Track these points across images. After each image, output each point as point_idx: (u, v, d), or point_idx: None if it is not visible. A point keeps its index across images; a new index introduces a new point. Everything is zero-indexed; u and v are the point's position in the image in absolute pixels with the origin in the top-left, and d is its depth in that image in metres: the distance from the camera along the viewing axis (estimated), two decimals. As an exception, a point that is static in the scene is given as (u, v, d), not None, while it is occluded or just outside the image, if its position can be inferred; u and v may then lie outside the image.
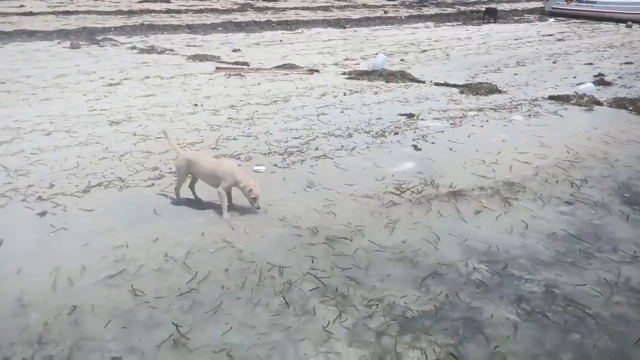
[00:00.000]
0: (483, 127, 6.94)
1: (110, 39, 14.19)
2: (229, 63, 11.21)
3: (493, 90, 9.07)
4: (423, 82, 9.78)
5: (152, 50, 12.55)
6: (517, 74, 10.76)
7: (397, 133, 6.55)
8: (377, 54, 11.44)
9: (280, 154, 5.72)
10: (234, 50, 12.95)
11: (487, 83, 9.65)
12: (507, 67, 11.65)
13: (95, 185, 4.77)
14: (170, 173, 5.05)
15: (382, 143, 6.17)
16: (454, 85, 9.45)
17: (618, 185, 5.11)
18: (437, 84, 9.58)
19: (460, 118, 7.31)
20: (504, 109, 7.88)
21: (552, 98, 8.60)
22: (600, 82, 9.90)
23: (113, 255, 3.63)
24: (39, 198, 4.48)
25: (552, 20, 23.09)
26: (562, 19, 23.34)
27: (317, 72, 10.48)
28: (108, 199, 4.51)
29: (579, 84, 9.35)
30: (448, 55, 13.12)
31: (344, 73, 10.43)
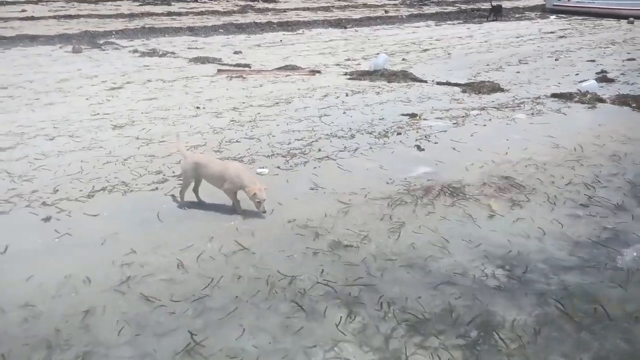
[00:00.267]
0: (486, 126, 6.92)
1: (112, 43, 14.22)
2: (231, 65, 11.21)
3: (495, 89, 9.05)
4: (425, 81, 9.76)
5: (153, 54, 12.57)
6: (519, 72, 10.73)
7: (399, 133, 6.54)
8: (378, 54, 11.42)
9: (283, 156, 5.72)
10: (236, 52, 12.96)
11: (489, 82, 9.62)
12: (509, 65, 11.62)
13: (99, 190, 4.78)
14: (174, 177, 5.06)
15: (385, 143, 6.17)
16: (456, 84, 9.43)
17: (630, 185, 5.02)
18: (439, 83, 9.57)
19: (463, 117, 7.30)
20: (507, 108, 7.86)
21: (555, 96, 8.57)
22: (603, 79, 9.86)
23: (121, 261, 3.63)
24: (43, 203, 4.49)
25: (553, 18, 23.02)
26: (563, 16, 23.26)
27: (318, 73, 10.48)
28: (112, 204, 4.52)
29: (582, 82, 9.31)
30: (449, 54, 13.09)
31: (346, 73, 10.43)
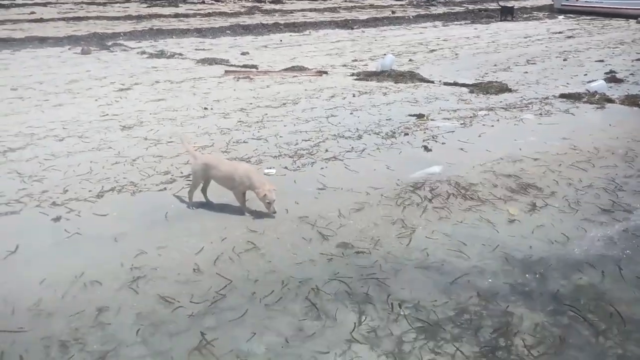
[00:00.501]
0: (494, 126, 6.90)
1: (120, 44, 14.33)
2: (238, 66, 11.26)
3: (503, 89, 9.01)
4: (432, 82, 9.75)
5: (161, 55, 12.65)
6: (527, 73, 10.69)
7: (407, 134, 6.54)
8: (385, 55, 11.41)
9: (291, 157, 5.73)
10: (243, 53, 13.02)
11: (497, 82, 9.59)
12: (517, 65, 11.58)
13: (108, 190, 4.81)
14: (182, 177, 5.09)
15: (392, 144, 6.16)
16: (464, 85, 9.41)
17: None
18: (446, 84, 9.55)
19: (471, 118, 7.28)
20: (515, 108, 7.83)
21: (563, 96, 8.52)
22: (612, 79, 9.80)
23: (131, 261, 3.64)
24: (53, 203, 4.53)
25: (561, 18, 22.91)
26: (571, 16, 23.15)
27: (325, 73, 10.49)
28: (121, 204, 4.55)
29: (590, 82, 9.26)
30: (457, 55, 13.06)
31: (353, 74, 10.44)
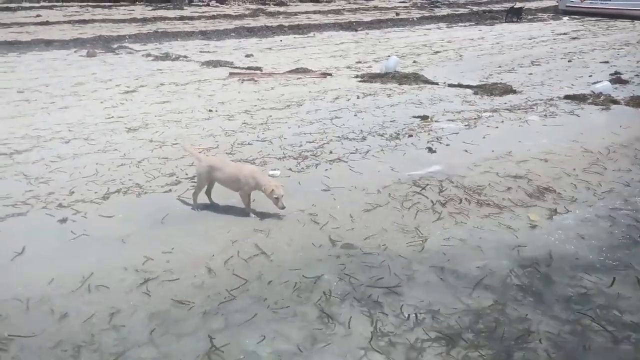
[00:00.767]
0: (498, 128, 6.89)
1: (126, 47, 14.40)
2: (242, 68, 11.30)
3: (508, 91, 9.01)
4: (436, 83, 9.75)
5: (166, 57, 12.70)
6: (531, 74, 10.68)
7: (411, 135, 6.55)
8: (389, 56, 11.42)
9: (295, 158, 5.75)
10: (247, 56, 13.05)
11: (501, 83, 9.59)
12: (521, 66, 11.56)
13: (114, 192, 4.84)
14: (187, 179, 5.11)
15: (396, 145, 6.17)
16: (468, 86, 9.41)
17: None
18: (450, 85, 9.55)
19: (475, 119, 7.28)
20: (520, 110, 7.82)
21: (568, 97, 8.51)
22: (617, 80, 9.78)
23: (137, 262, 3.65)
24: (60, 205, 4.56)
25: (566, 19, 22.86)
26: (576, 17, 23.09)
27: (329, 75, 10.51)
28: (127, 205, 4.58)
29: (595, 83, 9.24)
30: (461, 56, 13.06)
31: (357, 76, 10.45)
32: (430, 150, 5.98)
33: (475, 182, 5.07)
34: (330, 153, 5.91)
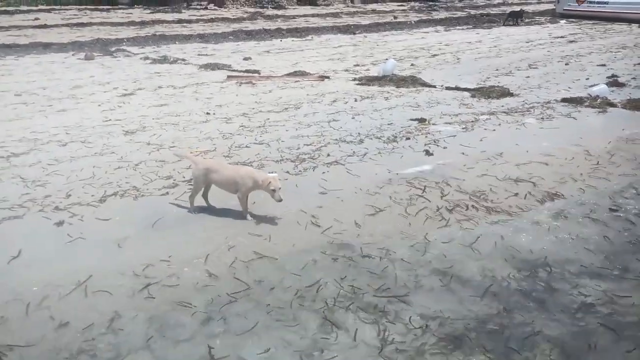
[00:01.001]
0: (495, 130, 6.91)
1: (124, 50, 14.40)
2: (240, 71, 11.31)
3: (505, 94, 9.02)
4: (434, 86, 9.77)
5: (164, 60, 12.70)
6: (529, 77, 10.70)
7: (408, 138, 6.55)
8: (387, 60, 11.44)
9: (292, 161, 5.75)
10: (245, 59, 13.06)
11: (498, 86, 9.61)
12: (518, 70, 11.59)
13: (111, 195, 4.83)
14: (184, 181, 5.10)
15: (393, 148, 6.17)
16: (465, 89, 9.42)
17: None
18: (448, 88, 9.56)
19: (473, 122, 7.29)
20: (517, 112, 7.83)
21: (565, 100, 8.52)
22: (614, 83, 9.80)
23: (135, 266, 3.63)
24: (56, 208, 4.55)
25: (563, 22, 22.93)
26: (573, 21, 23.16)
27: (327, 78, 10.52)
28: (124, 208, 4.57)
29: (592, 86, 9.26)
30: (459, 59, 13.08)
31: (355, 79, 10.46)
32: (428, 153, 5.98)
33: (476, 185, 5.06)
34: (328, 156, 5.91)
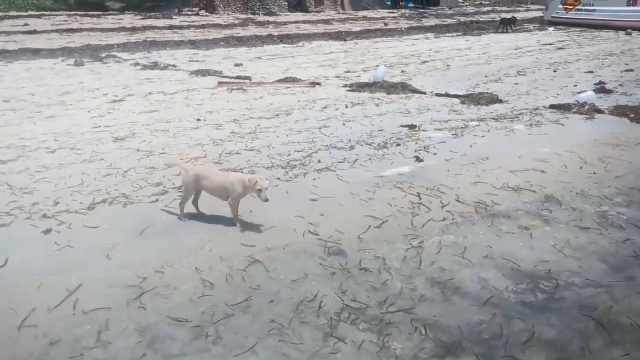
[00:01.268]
0: (485, 137, 6.96)
1: (114, 56, 14.35)
2: (231, 77, 11.31)
3: (494, 100, 9.10)
4: (424, 93, 9.83)
5: (155, 66, 12.68)
6: (517, 84, 10.80)
7: (399, 144, 6.58)
8: (377, 66, 11.51)
9: (283, 167, 5.75)
10: (236, 65, 13.07)
11: (488, 93, 9.69)
12: (507, 76, 11.70)
13: (100, 202, 4.80)
14: (174, 188, 5.08)
15: (384, 155, 6.20)
16: (455, 96, 9.49)
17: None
18: (438, 95, 9.63)
19: (462, 128, 7.34)
20: (505, 119, 7.90)
21: (553, 107, 8.61)
22: (601, 90, 9.92)
23: (124, 275, 3.59)
24: (44, 216, 4.51)
25: (551, 29, 23.22)
26: (561, 28, 23.47)
27: (318, 84, 10.55)
28: (113, 216, 4.53)
29: (580, 93, 9.37)
30: (448, 66, 13.19)
31: (345, 85, 10.51)
32: (418, 159, 6.01)
33: (472, 193, 5.06)
34: (319, 162, 5.91)
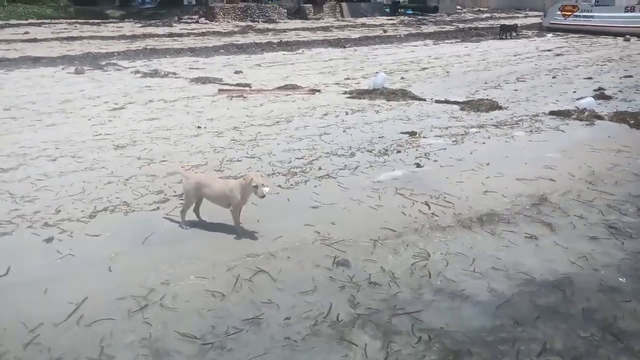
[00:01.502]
0: (485, 143, 6.97)
1: (114, 64, 14.38)
2: (232, 85, 11.33)
3: (494, 107, 9.12)
4: (424, 99, 9.85)
5: (155, 74, 12.70)
6: (517, 90, 10.84)
7: (399, 151, 6.59)
8: (377, 73, 11.54)
9: (284, 175, 5.75)
10: (236, 72, 13.10)
11: (487, 99, 9.71)
12: (507, 83, 11.74)
13: (101, 210, 4.79)
14: (175, 196, 5.08)
15: (385, 161, 6.20)
16: (455, 102, 9.51)
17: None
18: (437, 102, 9.65)
19: (462, 135, 7.35)
20: (505, 125, 7.92)
21: (553, 113, 8.64)
22: (601, 96, 9.95)
23: (126, 283, 3.57)
24: (45, 224, 4.50)
25: (550, 36, 23.32)
26: (560, 34, 23.58)
27: (318, 92, 10.58)
28: (114, 224, 4.53)
29: (579, 99, 9.39)
30: (448, 73, 13.23)
31: (345, 92, 10.53)
32: (418, 166, 6.02)
33: (473, 200, 5.06)
34: (319, 169, 5.92)
